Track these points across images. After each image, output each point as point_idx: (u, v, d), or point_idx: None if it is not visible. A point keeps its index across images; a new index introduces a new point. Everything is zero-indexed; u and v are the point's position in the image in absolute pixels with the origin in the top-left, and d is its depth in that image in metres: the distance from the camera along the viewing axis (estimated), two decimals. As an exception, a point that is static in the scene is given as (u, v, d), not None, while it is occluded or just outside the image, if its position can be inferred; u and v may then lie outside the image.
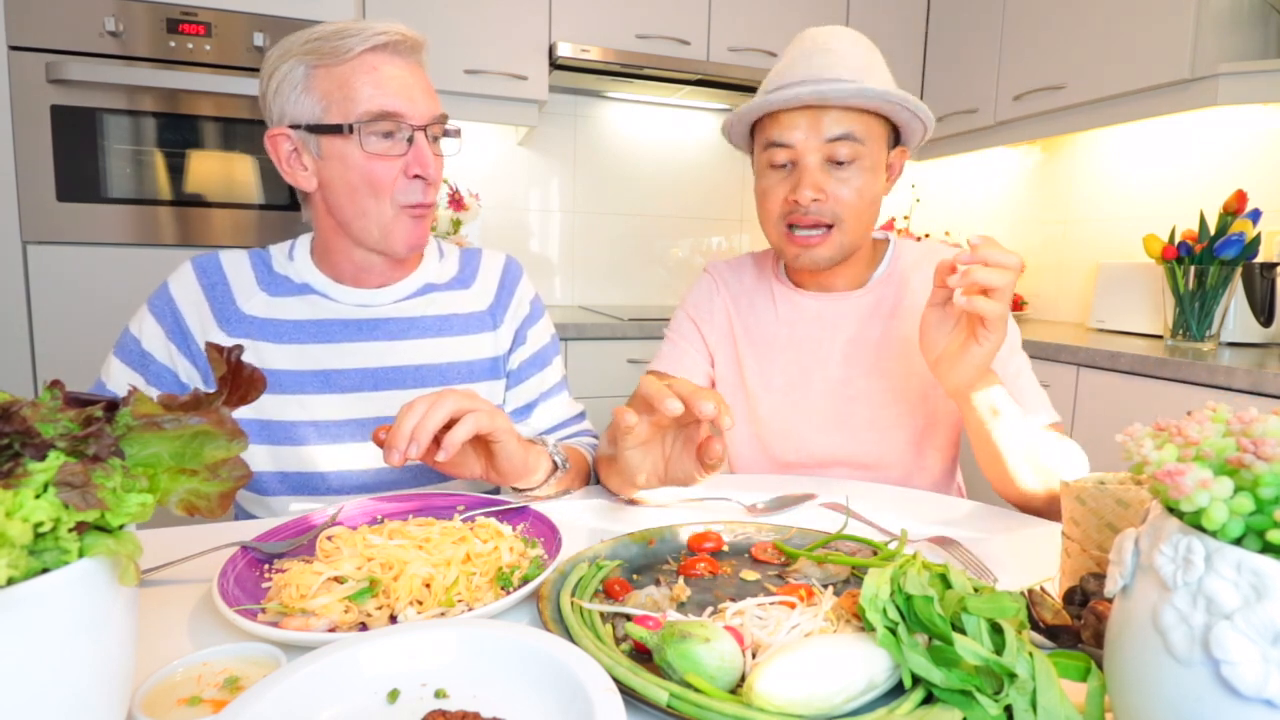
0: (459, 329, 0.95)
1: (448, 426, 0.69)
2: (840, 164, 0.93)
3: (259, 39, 1.75)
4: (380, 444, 0.68)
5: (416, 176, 0.84)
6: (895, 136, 0.99)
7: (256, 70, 1.77)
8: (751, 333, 1.07)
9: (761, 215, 1.00)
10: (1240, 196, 1.69)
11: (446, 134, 0.89)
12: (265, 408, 0.86)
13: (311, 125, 0.82)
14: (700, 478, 0.70)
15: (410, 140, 0.83)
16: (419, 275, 0.95)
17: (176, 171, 1.74)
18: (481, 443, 0.75)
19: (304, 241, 0.94)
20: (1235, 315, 1.79)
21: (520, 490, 0.82)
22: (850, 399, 1.01)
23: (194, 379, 0.88)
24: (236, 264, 0.91)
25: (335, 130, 0.81)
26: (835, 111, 0.91)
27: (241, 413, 0.84)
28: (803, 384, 1.03)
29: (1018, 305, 2.47)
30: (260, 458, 0.87)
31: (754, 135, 1.01)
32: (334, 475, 0.89)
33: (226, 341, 0.86)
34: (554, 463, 0.83)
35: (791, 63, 0.93)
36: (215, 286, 0.89)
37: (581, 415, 1.06)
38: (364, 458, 0.90)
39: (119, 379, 0.86)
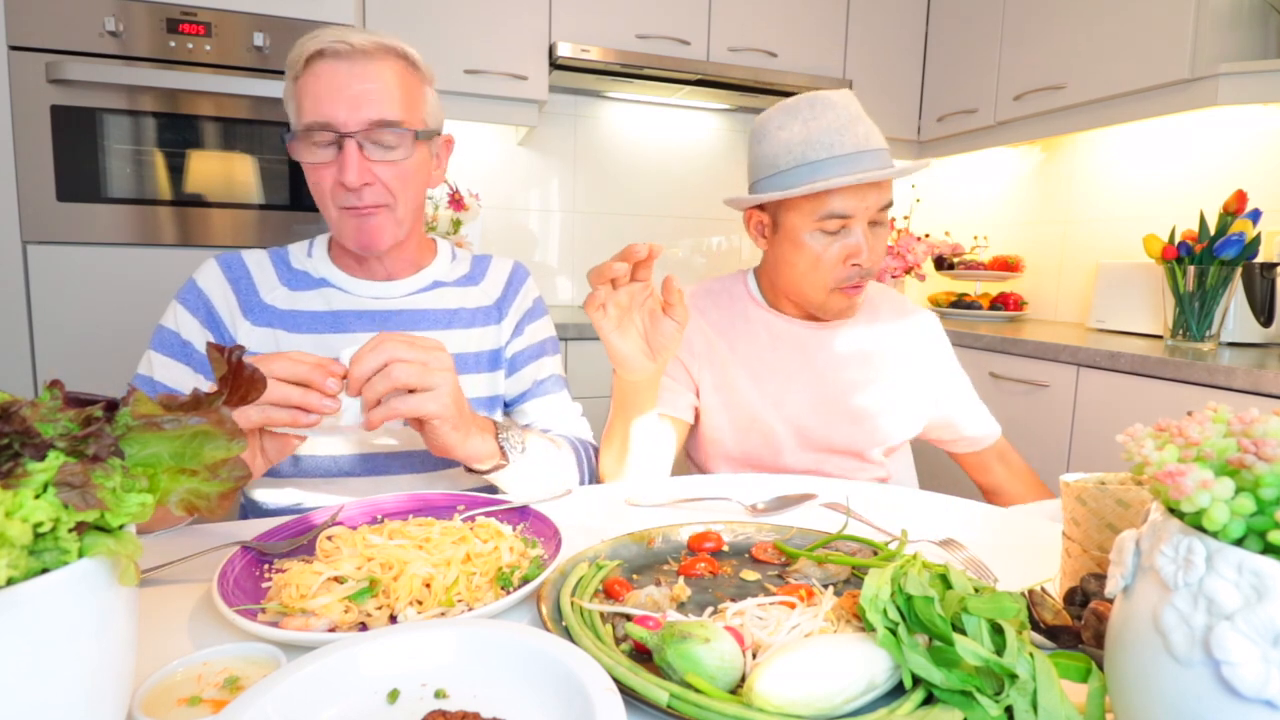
0: (466, 322, 1.00)
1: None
2: (878, 224, 1.04)
3: (259, 39, 1.75)
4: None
5: (340, 183, 0.86)
6: None
7: (256, 70, 1.78)
8: (741, 352, 1.12)
9: (809, 277, 1.05)
10: (1240, 196, 1.69)
11: (387, 145, 0.87)
12: None
13: (291, 135, 0.88)
14: (680, 328, 0.84)
15: (340, 147, 0.85)
16: (429, 272, 1.01)
17: (176, 171, 1.74)
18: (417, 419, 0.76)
19: (321, 239, 1.00)
20: (1235, 315, 1.78)
21: (470, 471, 0.83)
22: (824, 415, 1.11)
23: None
24: (258, 261, 0.96)
25: (294, 140, 0.87)
26: (884, 182, 1.01)
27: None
28: (789, 403, 1.10)
29: (1017, 305, 2.47)
30: None
31: (778, 203, 1.05)
32: (345, 459, 0.93)
33: (253, 330, 0.91)
34: (501, 454, 0.83)
35: (835, 131, 0.99)
36: (240, 280, 0.94)
37: (580, 415, 1.07)
38: (377, 442, 0.94)
39: (165, 372, 0.89)
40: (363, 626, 0.53)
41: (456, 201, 2.19)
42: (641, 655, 0.49)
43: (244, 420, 0.66)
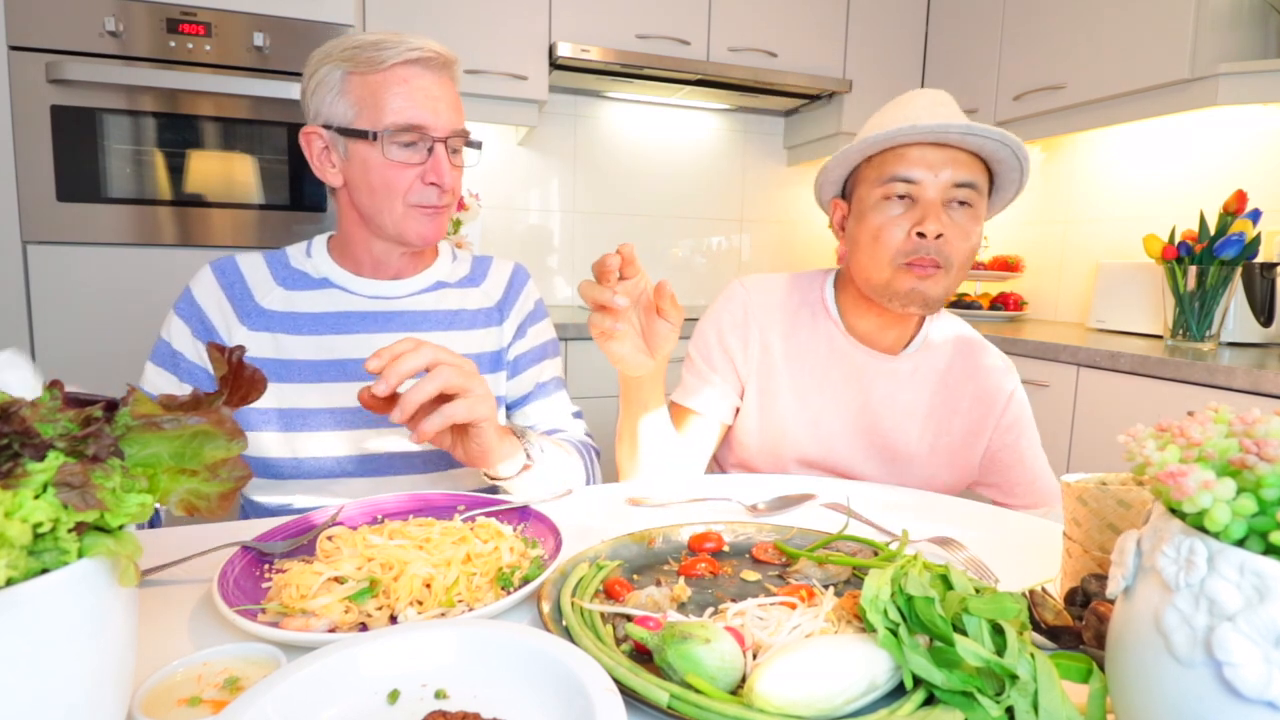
0: (468, 323, 1.01)
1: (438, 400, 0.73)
2: (959, 206, 0.95)
3: (259, 39, 1.75)
4: (366, 404, 0.72)
5: (431, 184, 0.90)
6: None
7: (256, 70, 1.78)
8: (793, 365, 1.05)
9: (871, 252, 0.97)
10: (1240, 196, 1.69)
11: (469, 145, 0.95)
12: (286, 395, 0.90)
13: (342, 128, 0.88)
14: (675, 326, 0.82)
15: (430, 150, 0.89)
16: (432, 273, 1.02)
17: (176, 171, 1.74)
18: (460, 425, 0.77)
19: (320, 240, 1.00)
20: (1235, 315, 1.79)
21: (491, 477, 0.84)
22: (866, 450, 1.04)
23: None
24: (252, 264, 0.96)
25: (362, 135, 0.87)
26: (963, 156, 0.93)
27: (262, 402, 0.88)
28: (832, 427, 1.04)
29: (1017, 305, 2.47)
30: (277, 444, 0.91)
31: (854, 181, 1.01)
32: (347, 459, 0.92)
33: (250, 335, 0.91)
34: (527, 455, 0.84)
35: (913, 109, 0.95)
36: (234, 285, 0.94)
37: (578, 414, 1.08)
38: (376, 442, 0.93)
39: (153, 381, 0.91)
40: (363, 627, 0.53)
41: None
42: (642, 655, 0.49)
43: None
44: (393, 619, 0.53)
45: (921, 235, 0.92)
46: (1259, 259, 1.76)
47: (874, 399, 1.04)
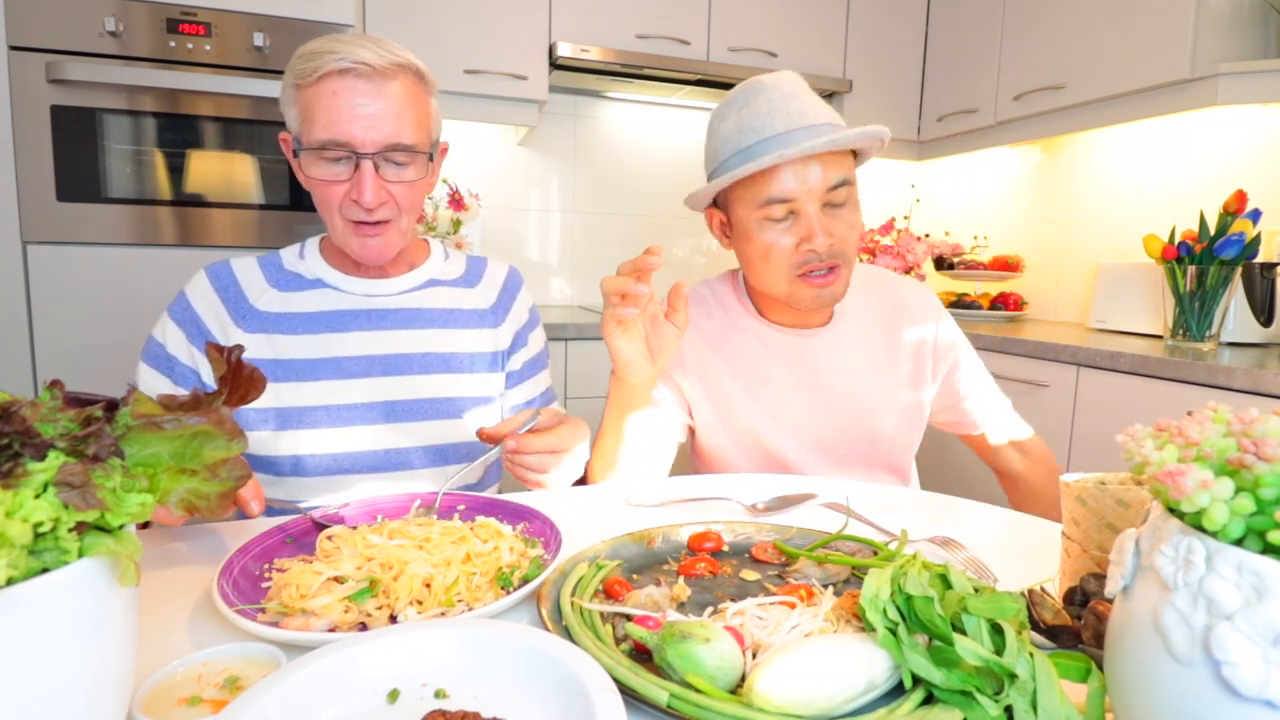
0: (462, 323, 1.01)
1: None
2: (837, 206, 0.95)
3: (259, 39, 1.75)
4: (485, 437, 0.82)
5: (354, 201, 0.87)
6: None
7: (256, 70, 1.78)
8: (734, 367, 1.06)
9: (763, 270, 0.98)
10: (1240, 196, 1.69)
11: (398, 164, 0.88)
12: (282, 394, 0.91)
13: (295, 137, 0.89)
14: (680, 332, 0.87)
15: (357, 166, 0.86)
16: (424, 270, 1.02)
17: (176, 171, 1.74)
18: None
19: (313, 241, 1.00)
20: (1235, 315, 1.78)
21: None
22: (830, 424, 1.06)
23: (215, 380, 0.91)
24: (246, 268, 0.97)
25: (298, 148, 0.88)
26: (830, 158, 0.92)
27: (260, 402, 0.89)
28: (790, 415, 1.05)
29: (1017, 305, 2.47)
30: (276, 442, 0.91)
31: (726, 197, 1.00)
32: (344, 456, 0.93)
33: (246, 338, 0.91)
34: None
35: (765, 114, 0.93)
36: (228, 289, 0.94)
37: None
38: (372, 439, 0.94)
39: (147, 383, 0.91)
40: (363, 626, 0.53)
41: (456, 201, 2.19)
42: (641, 655, 0.49)
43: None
44: (392, 619, 0.53)
45: (812, 250, 0.93)
46: (1259, 259, 1.76)
47: (821, 373, 1.05)
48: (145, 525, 0.83)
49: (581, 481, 0.98)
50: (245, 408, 0.88)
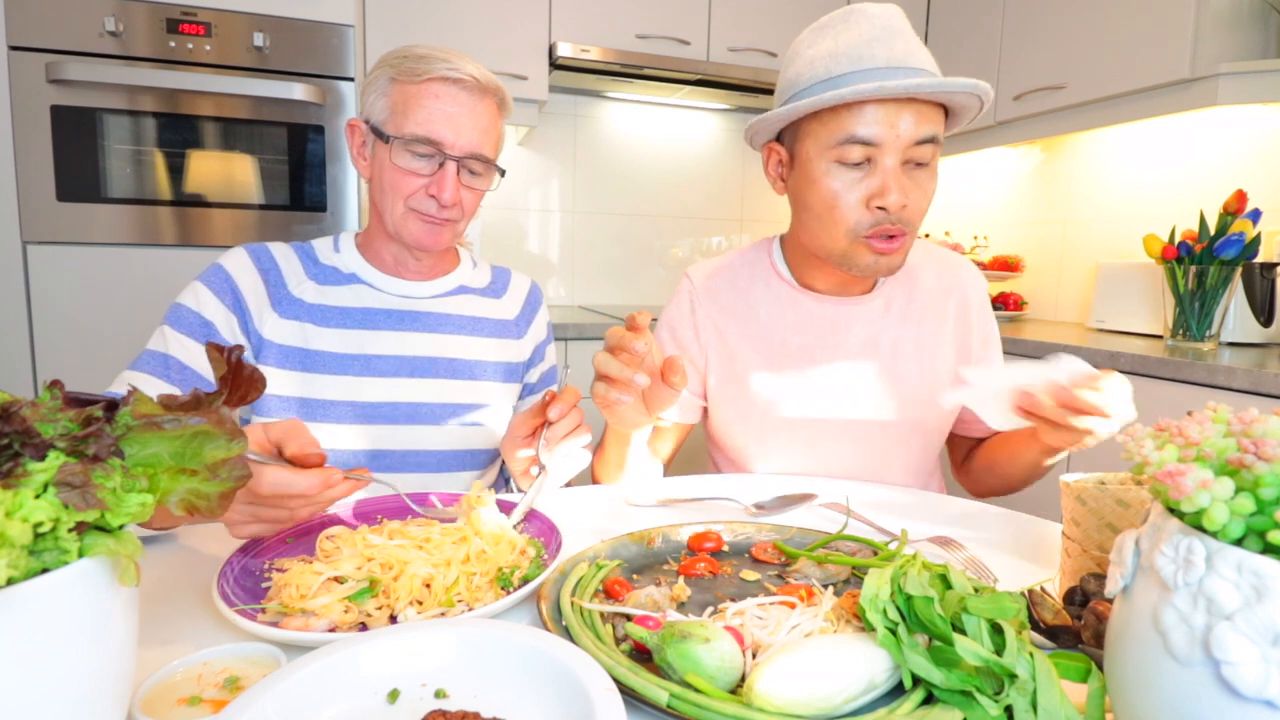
0: (489, 331, 1.05)
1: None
2: (919, 166, 0.86)
3: (259, 39, 1.75)
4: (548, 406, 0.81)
5: (432, 196, 0.92)
6: None
7: (256, 70, 1.78)
8: (756, 341, 1.00)
9: (822, 223, 0.88)
10: (1240, 196, 1.69)
11: (474, 173, 0.94)
12: (310, 386, 0.92)
13: (374, 126, 0.93)
14: (676, 394, 0.75)
15: (441, 165, 0.91)
16: (455, 277, 1.05)
17: (176, 171, 1.74)
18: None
19: (348, 236, 1.02)
20: (1235, 315, 1.78)
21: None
22: (863, 402, 0.99)
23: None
24: (285, 254, 0.98)
25: (385, 136, 0.91)
26: (926, 109, 0.83)
27: (285, 390, 0.91)
28: (817, 391, 0.99)
29: (1017, 305, 2.47)
30: None
31: (796, 131, 0.90)
32: (362, 453, 0.94)
33: (281, 322, 0.93)
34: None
35: (865, 43, 0.82)
36: (270, 272, 0.95)
37: None
38: (391, 438, 0.95)
39: (181, 348, 0.87)
40: (363, 626, 0.53)
41: (456, 201, 2.19)
42: (641, 655, 0.49)
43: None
44: (393, 619, 0.53)
45: (883, 208, 0.84)
46: (1259, 259, 1.76)
47: (856, 347, 0.98)
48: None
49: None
50: (269, 395, 0.90)
